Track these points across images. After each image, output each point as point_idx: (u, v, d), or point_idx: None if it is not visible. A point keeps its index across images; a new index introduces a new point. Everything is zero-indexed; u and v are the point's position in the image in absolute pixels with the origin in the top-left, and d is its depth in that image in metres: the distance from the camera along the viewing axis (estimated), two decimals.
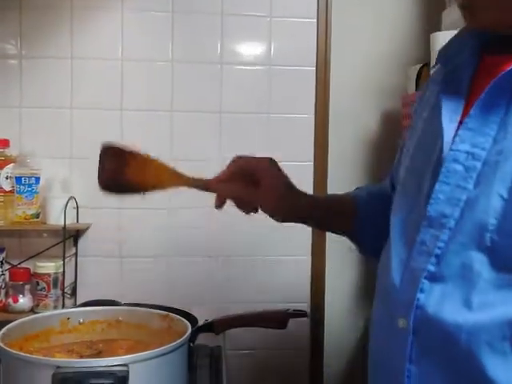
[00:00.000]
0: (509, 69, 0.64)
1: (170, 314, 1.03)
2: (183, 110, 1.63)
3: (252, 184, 0.92)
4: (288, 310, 1.17)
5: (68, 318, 1.05)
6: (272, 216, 0.94)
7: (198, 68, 1.63)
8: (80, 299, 1.61)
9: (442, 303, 0.65)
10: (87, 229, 1.61)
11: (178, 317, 1.01)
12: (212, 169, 1.63)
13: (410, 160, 0.80)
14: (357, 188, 1.06)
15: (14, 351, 0.82)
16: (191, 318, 1.30)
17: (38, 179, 1.54)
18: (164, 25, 1.61)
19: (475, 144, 0.67)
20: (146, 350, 0.89)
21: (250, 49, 1.65)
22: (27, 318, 1.00)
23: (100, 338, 1.06)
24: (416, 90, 1.52)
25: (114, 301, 1.26)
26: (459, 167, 0.67)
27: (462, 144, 0.68)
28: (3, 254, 1.57)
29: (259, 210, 0.94)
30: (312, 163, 1.67)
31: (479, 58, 0.74)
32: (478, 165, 0.66)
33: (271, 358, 1.69)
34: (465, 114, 0.70)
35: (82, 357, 0.97)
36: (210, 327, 1.21)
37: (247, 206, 0.94)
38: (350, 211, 0.98)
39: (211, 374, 1.26)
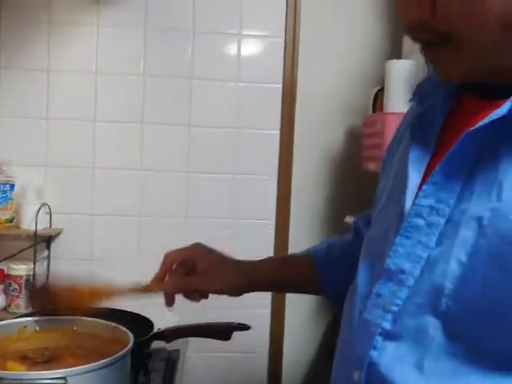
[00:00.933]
0: (473, 128, 0.62)
1: (118, 325, 1.10)
2: (153, 123, 1.70)
3: (191, 272, 0.98)
4: (233, 323, 1.25)
5: (25, 327, 1.12)
6: (225, 294, 0.98)
7: (168, 82, 1.70)
8: None
9: (395, 363, 0.63)
10: (59, 233, 1.70)
11: (124, 329, 1.08)
12: (179, 180, 1.73)
13: (380, 208, 0.78)
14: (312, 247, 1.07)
15: None
16: (149, 324, 1.40)
17: (12, 186, 1.62)
18: (137, 41, 1.68)
19: (440, 199, 0.65)
20: (94, 360, 0.97)
21: (220, 65, 1.72)
22: None
23: (55, 345, 1.13)
24: (373, 111, 1.59)
25: (70, 310, 1.34)
26: (421, 222, 0.66)
27: (425, 199, 0.66)
28: None
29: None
30: (276, 179, 1.75)
31: (456, 99, 0.72)
32: (442, 221, 0.64)
33: (233, 361, 1.78)
34: (433, 164, 0.68)
35: (34, 364, 1.05)
36: (162, 336, 1.29)
37: (195, 294, 0.98)
38: (308, 272, 1.00)
39: (165, 378, 1.35)
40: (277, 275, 1.03)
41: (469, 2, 0.59)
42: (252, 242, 1.71)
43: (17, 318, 1.27)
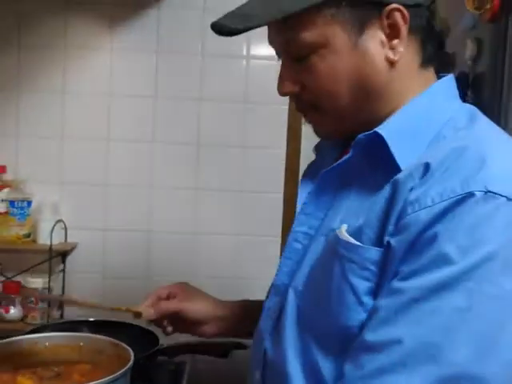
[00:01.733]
0: (327, 169, 0.81)
1: (120, 343, 1.17)
2: (164, 142, 1.78)
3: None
4: (230, 341, 1.31)
5: (36, 343, 1.20)
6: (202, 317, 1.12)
7: (178, 103, 1.77)
8: (67, 311, 1.79)
9: (279, 357, 0.80)
10: (74, 248, 1.78)
11: (126, 346, 1.15)
12: (187, 197, 1.80)
13: None
14: None
15: None
16: (153, 338, 1.47)
17: (30, 203, 1.71)
18: (149, 64, 1.76)
19: (311, 226, 0.82)
20: (99, 375, 1.04)
21: (228, 87, 1.78)
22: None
23: (63, 360, 1.21)
24: None
25: (80, 325, 1.42)
26: (298, 245, 0.83)
27: (300, 226, 0.83)
28: None
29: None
30: (282, 195, 1.81)
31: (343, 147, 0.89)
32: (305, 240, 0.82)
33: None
34: None
35: (41, 379, 1.13)
36: (165, 352, 1.36)
37: (181, 321, 1.12)
38: None
39: None
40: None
41: (325, 82, 0.77)
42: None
43: (30, 333, 1.35)
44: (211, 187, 1.79)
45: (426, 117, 0.78)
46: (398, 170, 0.74)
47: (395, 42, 0.75)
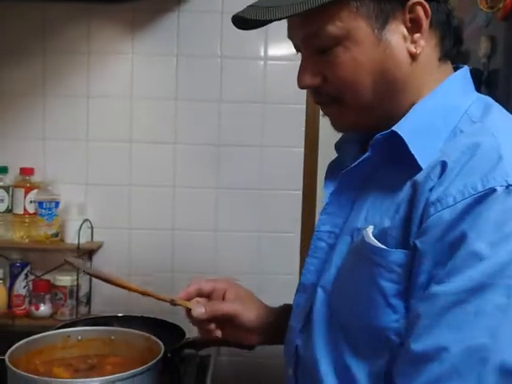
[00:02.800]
0: (346, 170, 0.82)
1: (151, 336, 1.23)
2: (185, 143, 1.83)
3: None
4: None
5: (68, 336, 1.25)
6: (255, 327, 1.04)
7: (199, 105, 1.82)
8: (94, 307, 1.85)
9: (311, 354, 0.81)
10: (100, 246, 1.84)
11: (156, 339, 1.20)
12: (209, 196, 1.85)
13: None
14: None
15: (13, 368, 1.04)
16: (180, 332, 1.52)
17: (57, 203, 1.77)
18: (169, 67, 1.81)
19: (335, 224, 0.84)
20: (130, 367, 1.10)
21: (246, 88, 1.82)
22: (33, 337, 1.20)
23: (95, 353, 1.26)
24: None
25: (109, 320, 1.47)
26: (323, 244, 0.85)
27: (324, 225, 0.85)
28: (28, 268, 1.80)
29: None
30: (301, 192, 1.85)
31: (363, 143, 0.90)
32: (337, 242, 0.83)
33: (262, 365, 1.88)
34: None
35: (77, 371, 1.19)
36: (192, 345, 1.41)
37: (231, 326, 1.04)
38: None
39: (196, 383, 1.47)
40: None
41: (347, 74, 0.78)
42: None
43: (61, 328, 1.41)
44: (231, 186, 1.84)
45: (443, 111, 0.79)
46: (418, 168, 0.74)
47: (417, 35, 0.77)
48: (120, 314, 1.63)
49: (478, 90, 0.87)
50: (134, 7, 1.78)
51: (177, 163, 1.83)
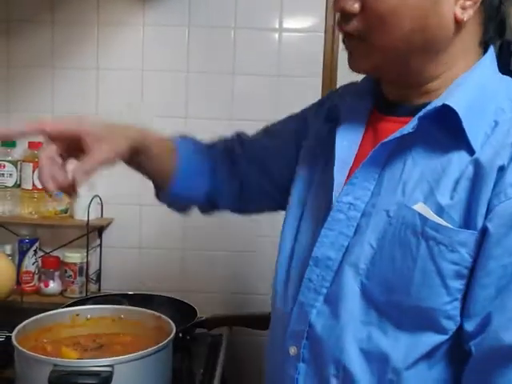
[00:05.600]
0: (386, 140, 0.77)
1: (162, 315, 1.19)
2: (196, 117, 1.78)
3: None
4: (269, 313, 1.32)
5: (77, 315, 1.22)
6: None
7: (211, 78, 1.77)
8: (104, 285, 1.82)
9: (328, 333, 0.78)
10: (110, 223, 1.80)
11: (167, 319, 1.17)
12: None
13: (311, 202, 0.90)
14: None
15: (20, 347, 1.01)
16: (191, 311, 1.49)
17: None
18: (180, 38, 1.75)
19: (357, 197, 0.78)
20: (140, 347, 1.06)
21: (260, 59, 1.77)
22: (42, 315, 1.18)
23: (104, 331, 1.23)
24: None
25: (119, 298, 1.44)
26: (342, 216, 0.79)
27: (346, 196, 0.79)
28: (37, 244, 1.77)
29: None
30: None
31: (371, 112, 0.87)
32: (358, 215, 0.78)
33: None
34: (354, 166, 0.82)
35: (85, 350, 1.16)
36: (203, 324, 1.38)
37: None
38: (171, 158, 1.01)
39: (207, 362, 1.43)
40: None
41: (387, 11, 0.72)
42: None
43: (70, 306, 1.38)
44: None
45: (488, 91, 0.77)
46: (469, 147, 0.72)
47: (468, 2, 0.73)
48: (130, 292, 1.60)
49: (508, 62, 0.83)
50: None
51: None
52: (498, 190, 0.69)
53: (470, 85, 0.76)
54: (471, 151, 0.72)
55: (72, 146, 0.84)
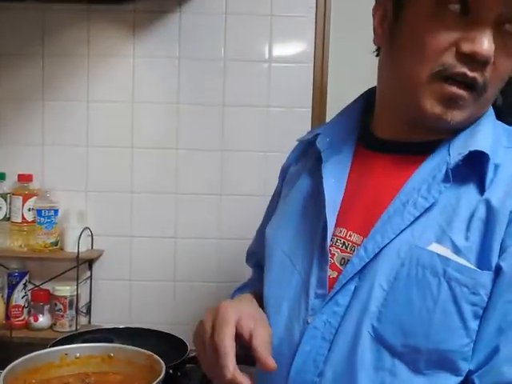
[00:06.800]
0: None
1: (152, 354, 1.17)
2: (188, 148, 1.77)
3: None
4: None
5: (66, 354, 1.20)
6: None
7: (201, 109, 1.77)
8: (94, 317, 1.80)
9: (343, 374, 0.75)
10: (100, 255, 1.79)
11: (158, 358, 1.15)
12: (212, 202, 1.80)
13: (292, 233, 0.89)
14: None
15: None
16: (182, 346, 1.47)
17: (56, 211, 1.72)
18: (171, 70, 1.75)
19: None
20: None
21: (250, 90, 1.77)
22: (30, 355, 1.15)
23: (94, 370, 1.21)
24: None
25: (107, 337, 1.43)
26: (355, 260, 0.77)
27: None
28: (26, 277, 1.76)
29: None
30: None
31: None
32: (366, 257, 0.77)
33: None
34: (342, 205, 0.83)
35: None
36: (194, 359, 1.36)
37: None
38: None
39: None
40: None
41: (507, 68, 0.76)
42: None
43: (59, 341, 1.37)
44: (235, 192, 1.79)
45: (500, 129, 0.81)
46: (482, 188, 0.74)
47: None
48: (121, 326, 1.59)
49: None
50: (135, 8, 1.73)
51: (179, 169, 1.78)
52: (510, 230, 0.70)
53: (489, 129, 0.79)
54: (481, 191, 0.73)
55: None
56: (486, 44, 0.71)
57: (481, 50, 0.72)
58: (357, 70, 1.79)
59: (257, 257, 1.13)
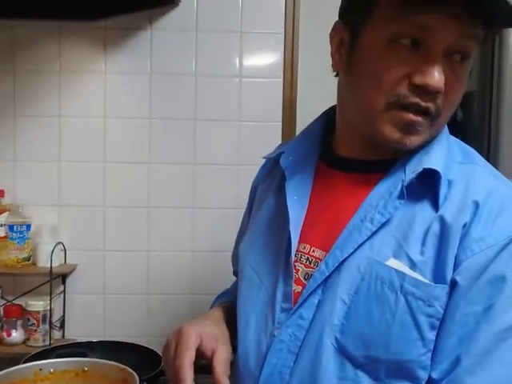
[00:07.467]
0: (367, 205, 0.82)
1: (126, 367, 1.19)
2: (160, 162, 1.80)
3: None
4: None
5: (40, 369, 1.21)
6: None
7: (173, 124, 1.79)
8: (68, 332, 1.81)
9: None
10: (74, 269, 1.79)
11: (131, 371, 1.16)
12: (185, 215, 1.82)
13: (260, 250, 0.93)
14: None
15: None
16: (157, 357, 1.49)
17: (29, 226, 1.73)
18: (142, 85, 1.78)
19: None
20: None
21: (221, 105, 1.80)
22: (4, 371, 1.16)
23: None
24: None
25: (81, 351, 1.43)
26: (316, 274, 0.81)
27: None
28: None
29: None
30: None
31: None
32: (326, 272, 0.80)
33: None
34: (306, 222, 0.86)
35: None
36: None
37: None
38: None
39: None
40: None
41: (461, 94, 0.80)
42: None
43: (33, 356, 1.37)
44: (208, 205, 1.81)
45: (449, 150, 0.84)
46: (436, 205, 0.77)
47: None
48: (95, 340, 1.60)
49: (455, 112, 0.88)
50: (106, 25, 1.75)
51: (151, 183, 1.80)
52: (463, 246, 0.74)
53: (443, 147, 0.82)
54: (436, 208, 0.77)
55: None
56: (436, 76, 0.75)
57: (432, 82, 0.75)
58: (325, 85, 1.83)
59: (237, 265, 1.16)
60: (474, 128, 1.05)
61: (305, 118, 1.82)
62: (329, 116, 0.97)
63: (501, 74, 1.18)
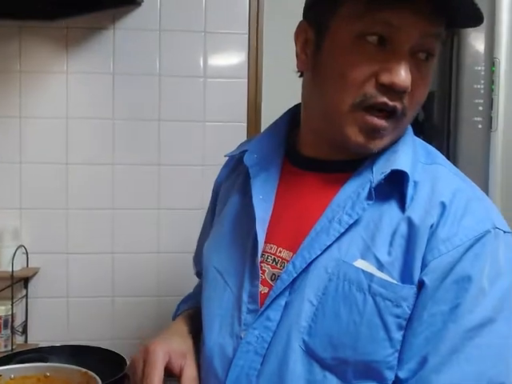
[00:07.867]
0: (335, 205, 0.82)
1: (88, 371, 1.17)
2: (123, 163, 1.78)
3: None
4: None
5: (0, 375, 1.19)
6: None
7: (137, 124, 1.78)
8: (31, 336, 1.77)
9: None
10: (36, 273, 1.76)
11: (93, 375, 1.15)
12: (149, 216, 1.80)
13: (225, 250, 0.92)
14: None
15: None
16: (121, 361, 1.47)
17: None
18: (105, 86, 1.76)
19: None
20: None
21: (185, 105, 1.79)
22: None
23: None
24: None
25: (43, 356, 1.41)
26: (284, 275, 0.80)
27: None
28: None
29: None
30: None
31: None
32: (294, 273, 0.79)
33: None
34: (272, 220, 0.86)
35: None
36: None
37: None
38: None
39: None
40: None
41: (426, 91, 0.81)
42: None
43: None
44: (174, 207, 1.80)
45: (414, 150, 0.84)
46: (403, 206, 0.77)
47: None
48: (58, 344, 1.57)
49: None
50: (68, 25, 1.72)
51: (115, 184, 1.78)
52: (431, 246, 0.74)
53: (408, 148, 0.83)
54: (403, 209, 0.77)
55: None
56: (403, 75, 0.75)
57: (399, 81, 0.75)
58: (290, 86, 1.84)
59: (199, 266, 1.15)
60: (434, 128, 1.06)
61: (270, 118, 1.82)
62: (293, 114, 0.97)
63: (459, 75, 1.20)
